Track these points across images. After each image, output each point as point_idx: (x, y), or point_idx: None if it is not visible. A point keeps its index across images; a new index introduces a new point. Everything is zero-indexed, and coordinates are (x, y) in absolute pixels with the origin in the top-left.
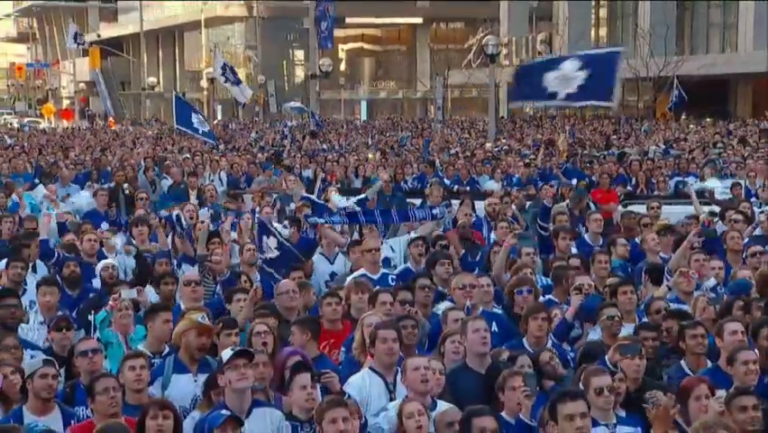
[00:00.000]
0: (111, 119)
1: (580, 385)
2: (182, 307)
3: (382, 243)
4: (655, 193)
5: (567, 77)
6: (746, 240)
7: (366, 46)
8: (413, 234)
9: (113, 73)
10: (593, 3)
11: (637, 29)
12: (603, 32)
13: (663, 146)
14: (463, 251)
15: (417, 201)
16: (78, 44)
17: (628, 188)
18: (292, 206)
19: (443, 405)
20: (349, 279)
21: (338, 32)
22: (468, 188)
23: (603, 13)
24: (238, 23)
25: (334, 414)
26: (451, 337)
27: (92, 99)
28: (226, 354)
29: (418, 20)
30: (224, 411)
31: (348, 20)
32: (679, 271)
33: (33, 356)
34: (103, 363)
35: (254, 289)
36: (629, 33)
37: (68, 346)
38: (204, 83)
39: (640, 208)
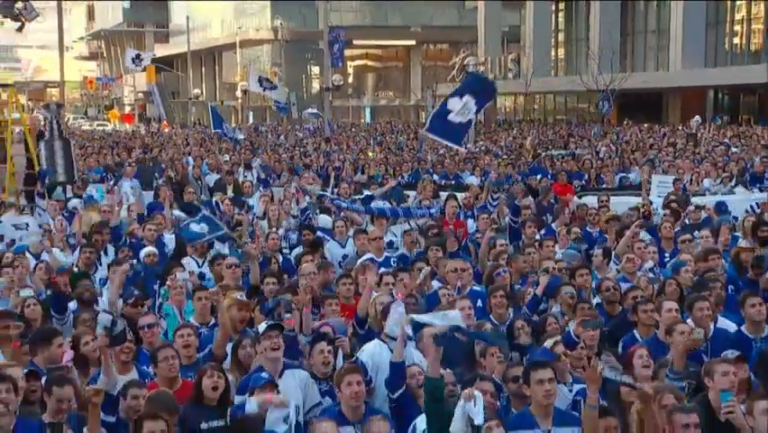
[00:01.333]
0: (164, 122)
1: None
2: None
3: (387, 231)
4: (603, 186)
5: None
6: (678, 229)
7: (369, 63)
8: (406, 226)
9: (165, 85)
10: (553, 29)
11: (588, 51)
12: (561, 53)
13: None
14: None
15: (412, 192)
16: (136, 65)
17: (582, 182)
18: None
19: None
20: (358, 262)
21: (347, 52)
22: (453, 182)
23: (561, 37)
24: (266, 45)
25: (351, 378)
26: None
27: (148, 106)
28: (262, 326)
29: (412, 42)
30: (263, 374)
31: (355, 42)
32: (625, 256)
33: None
34: (160, 333)
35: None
36: (582, 55)
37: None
38: (238, 93)
39: (592, 199)
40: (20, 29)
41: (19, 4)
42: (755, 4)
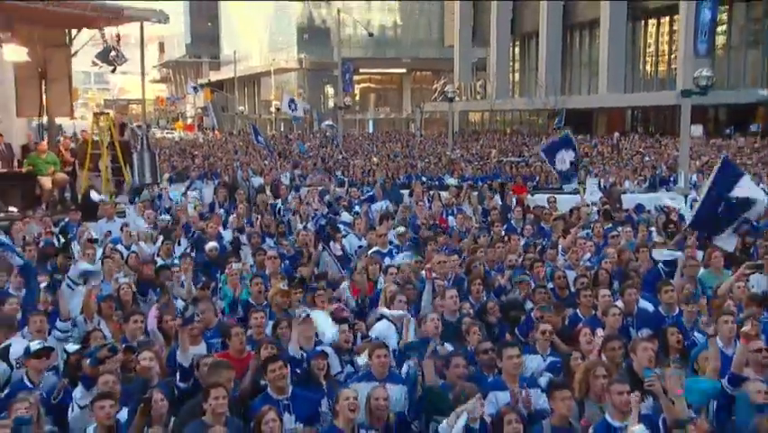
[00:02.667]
0: (216, 131)
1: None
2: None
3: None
4: (550, 187)
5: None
6: (608, 226)
7: (372, 85)
8: (401, 229)
9: (217, 102)
10: (510, 61)
11: (537, 78)
12: (517, 78)
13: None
14: None
15: (406, 191)
16: (195, 92)
17: (534, 183)
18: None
19: None
20: (369, 252)
21: (354, 77)
22: (436, 183)
23: (517, 66)
24: (293, 72)
25: (379, 352)
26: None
27: (204, 118)
28: (299, 311)
29: (404, 70)
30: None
31: (361, 70)
32: (571, 249)
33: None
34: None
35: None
36: (532, 81)
37: None
38: (272, 109)
39: (542, 197)
40: (113, 70)
41: (113, 53)
42: (661, 42)
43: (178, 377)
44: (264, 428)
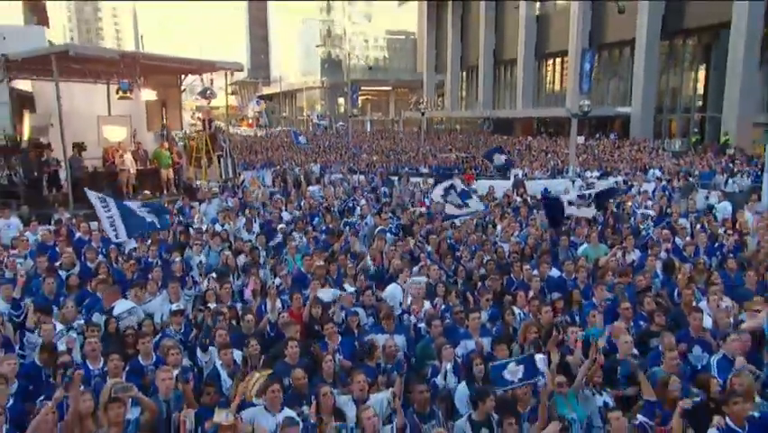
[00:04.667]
0: (269, 128)
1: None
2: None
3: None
4: (491, 175)
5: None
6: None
7: (369, 98)
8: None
9: (268, 108)
10: (459, 85)
11: (477, 95)
12: (464, 95)
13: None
14: None
15: (395, 177)
16: (256, 103)
17: (477, 171)
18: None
19: None
20: (376, 231)
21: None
22: (415, 170)
23: (464, 86)
24: (318, 90)
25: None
26: None
27: (261, 119)
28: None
29: (390, 88)
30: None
31: (362, 88)
32: (504, 229)
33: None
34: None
35: None
36: (474, 98)
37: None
38: (304, 114)
39: (484, 182)
40: (208, 103)
41: (208, 92)
42: (557, 73)
43: (268, 328)
44: (324, 366)
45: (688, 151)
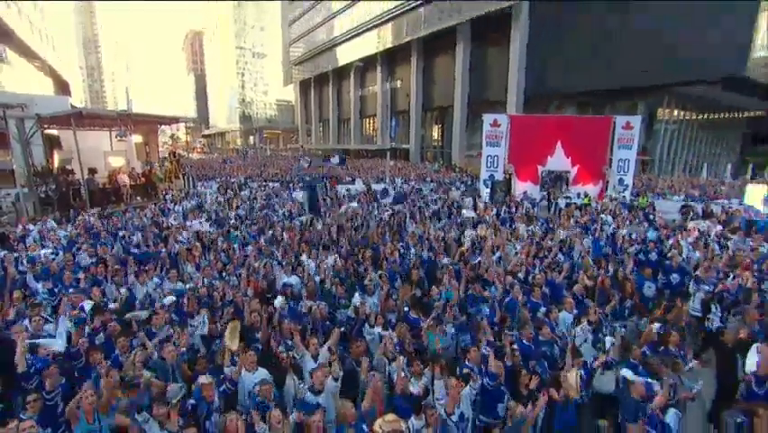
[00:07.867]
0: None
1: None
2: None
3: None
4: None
5: None
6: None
7: (268, 136)
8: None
9: (208, 142)
10: (318, 129)
11: (329, 136)
12: (321, 135)
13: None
14: None
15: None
16: (199, 141)
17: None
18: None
19: None
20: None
21: None
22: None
23: (321, 130)
24: (237, 131)
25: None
26: None
27: (204, 149)
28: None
29: (279, 131)
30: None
31: (265, 131)
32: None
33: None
34: None
35: None
36: (327, 137)
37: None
38: (230, 147)
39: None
40: (174, 141)
41: (173, 136)
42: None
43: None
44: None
45: (440, 169)
